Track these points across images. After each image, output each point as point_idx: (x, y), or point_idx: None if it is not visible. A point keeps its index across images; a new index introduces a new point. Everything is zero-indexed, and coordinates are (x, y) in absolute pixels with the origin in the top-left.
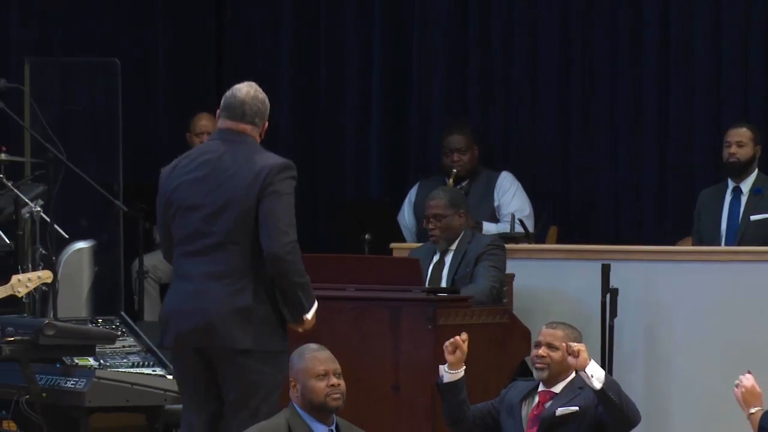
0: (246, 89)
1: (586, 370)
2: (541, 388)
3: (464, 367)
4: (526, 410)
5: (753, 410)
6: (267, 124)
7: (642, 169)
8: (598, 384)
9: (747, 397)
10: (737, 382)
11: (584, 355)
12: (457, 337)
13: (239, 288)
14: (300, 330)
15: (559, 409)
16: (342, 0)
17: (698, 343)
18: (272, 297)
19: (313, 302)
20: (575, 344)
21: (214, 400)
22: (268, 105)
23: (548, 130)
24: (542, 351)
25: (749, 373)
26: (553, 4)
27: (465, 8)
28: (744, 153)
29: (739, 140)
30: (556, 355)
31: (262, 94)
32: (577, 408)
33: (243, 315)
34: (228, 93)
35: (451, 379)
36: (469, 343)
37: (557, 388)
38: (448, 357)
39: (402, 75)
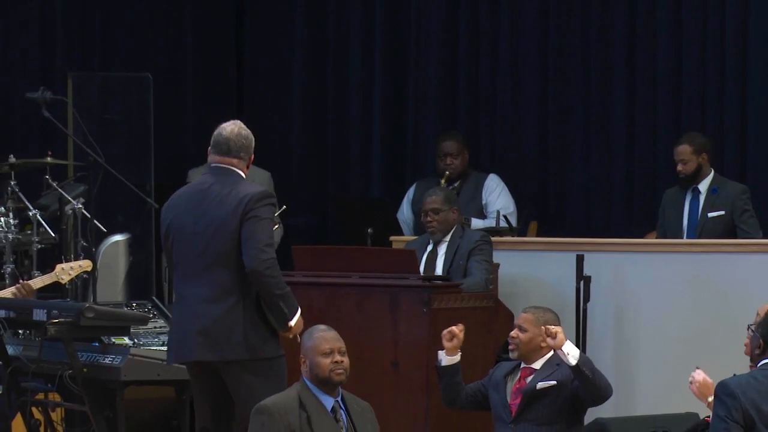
0: (231, 127)
1: (563, 348)
2: (523, 365)
3: (460, 353)
4: (510, 384)
5: (710, 399)
6: (253, 157)
7: (611, 172)
8: (573, 360)
9: (702, 389)
10: (690, 379)
11: (561, 336)
12: (454, 328)
13: (229, 307)
14: (289, 336)
15: (539, 383)
16: (347, 25)
17: (662, 324)
18: (260, 309)
19: (296, 310)
20: (552, 327)
21: (222, 411)
22: (252, 140)
23: (528, 137)
24: (514, 333)
25: (698, 368)
26: (532, 29)
27: (456, 31)
28: (688, 168)
29: (682, 158)
30: (524, 336)
31: (245, 131)
32: (555, 382)
33: (236, 328)
34: (216, 132)
35: (449, 363)
36: (459, 323)
37: (537, 365)
38: (446, 344)
39: (400, 88)
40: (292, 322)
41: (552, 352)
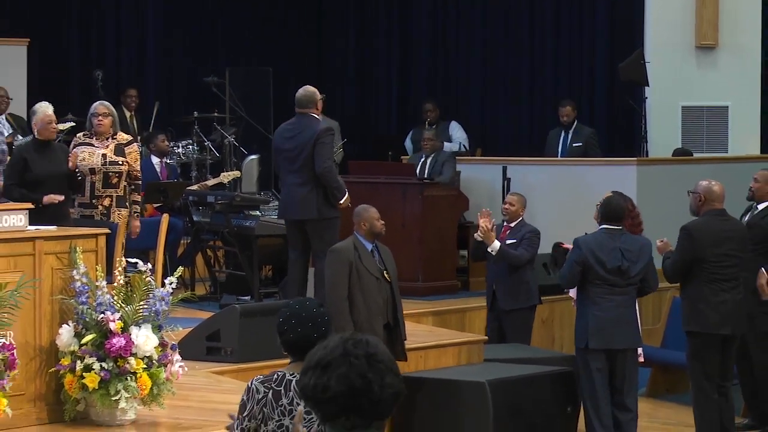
0: (300, 91)
1: (490, 248)
2: (506, 224)
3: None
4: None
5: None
6: (319, 98)
7: (521, 117)
8: (494, 251)
9: (487, 234)
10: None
11: (492, 237)
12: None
13: (310, 189)
14: (341, 206)
15: (508, 240)
16: (377, 37)
17: (550, 203)
18: (326, 191)
19: (343, 195)
20: (486, 232)
21: (305, 246)
22: (313, 92)
23: (476, 99)
24: (507, 206)
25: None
26: (479, 32)
27: (435, 33)
28: (570, 120)
29: (567, 114)
30: (513, 208)
31: (307, 90)
32: (515, 240)
33: (312, 201)
34: (295, 95)
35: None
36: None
37: (512, 224)
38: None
39: (407, 72)
40: (341, 201)
41: (520, 219)
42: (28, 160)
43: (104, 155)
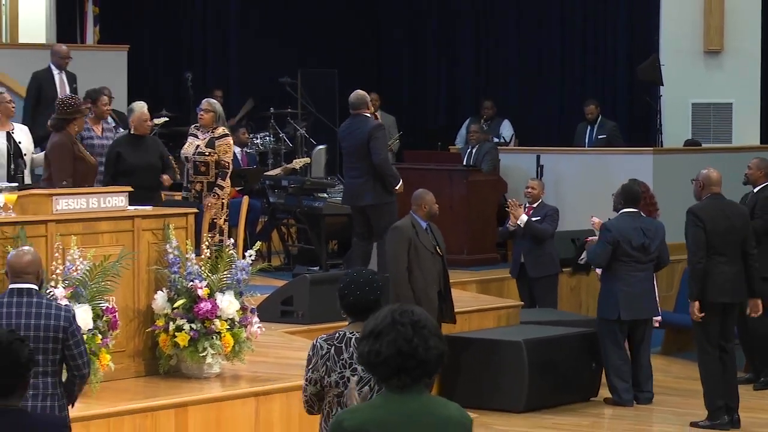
0: (351, 95)
1: (518, 221)
2: (528, 205)
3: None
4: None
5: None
6: (369, 100)
7: (551, 114)
8: (522, 223)
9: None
10: (592, 221)
11: (521, 213)
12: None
13: (366, 179)
14: (396, 192)
15: (532, 218)
16: (426, 37)
17: (577, 188)
18: (382, 179)
19: (397, 182)
20: (514, 207)
21: (368, 228)
22: (363, 94)
23: (514, 96)
24: (529, 190)
25: (594, 218)
26: (512, 29)
27: (479, 38)
28: (594, 116)
29: (591, 111)
30: (534, 191)
31: (357, 93)
32: (540, 217)
33: (369, 190)
34: (349, 99)
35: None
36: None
37: (535, 205)
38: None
39: (453, 70)
40: (397, 187)
41: (541, 201)
42: (122, 153)
43: (197, 146)
